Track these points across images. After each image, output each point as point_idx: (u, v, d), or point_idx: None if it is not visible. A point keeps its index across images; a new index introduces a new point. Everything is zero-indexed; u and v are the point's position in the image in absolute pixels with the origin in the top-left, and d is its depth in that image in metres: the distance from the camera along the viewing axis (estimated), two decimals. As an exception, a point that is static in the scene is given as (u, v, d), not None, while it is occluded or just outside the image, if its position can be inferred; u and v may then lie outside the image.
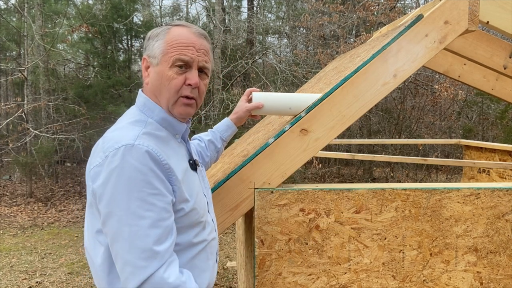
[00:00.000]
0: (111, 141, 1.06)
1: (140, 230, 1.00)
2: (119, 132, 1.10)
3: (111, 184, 1.01)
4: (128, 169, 1.01)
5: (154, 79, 1.17)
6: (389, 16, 8.68)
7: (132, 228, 0.99)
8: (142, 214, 1.00)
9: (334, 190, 1.66)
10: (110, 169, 1.02)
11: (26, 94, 8.52)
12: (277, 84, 8.92)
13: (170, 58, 1.14)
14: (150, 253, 1.00)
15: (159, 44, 1.16)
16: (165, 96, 1.17)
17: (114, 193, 1.01)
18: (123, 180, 1.01)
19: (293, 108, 1.70)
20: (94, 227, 1.12)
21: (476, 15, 1.68)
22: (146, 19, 10.20)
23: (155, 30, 1.21)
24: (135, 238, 0.99)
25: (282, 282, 1.67)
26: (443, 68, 2.93)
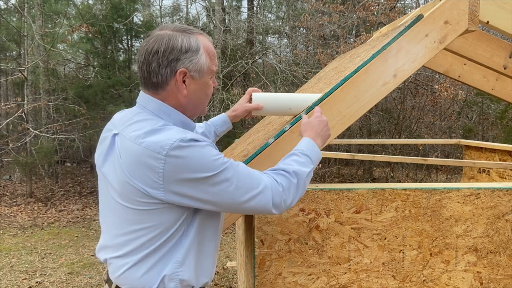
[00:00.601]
0: (162, 141, 1.10)
1: (241, 170, 1.17)
2: (162, 133, 1.13)
3: (186, 172, 1.09)
4: (192, 153, 1.10)
5: (198, 90, 1.25)
6: (389, 16, 8.68)
7: (235, 174, 1.14)
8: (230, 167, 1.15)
9: (334, 190, 1.66)
10: (177, 162, 1.08)
11: (26, 94, 8.52)
12: (277, 84, 8.92)
13: (212, 71, 1.27)
14: (258, 176, 1.19)
15: (204, 59, 1.23)
16: (205, 102, 1.31)
17: (191, 178, 1.09)
18: (197, 156, 1.10)
19: (293, 108, 1.70)
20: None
21: (476, 15, 1.68)
22: (146, 19, 10.20)
23: (189, 42, 1.21)
24: (243, 178, 1.16)
25: (282, 282, 1.67)
26: (443, 68, 2.93)
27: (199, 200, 1.12)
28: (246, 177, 1.17)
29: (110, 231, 1.23)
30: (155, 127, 1.15)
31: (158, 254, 1.16)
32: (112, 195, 1.19)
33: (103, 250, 1.26)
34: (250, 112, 1.72)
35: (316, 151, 1.37)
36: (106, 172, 1.22)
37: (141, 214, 1.13)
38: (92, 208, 8.03)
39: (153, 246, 1.15)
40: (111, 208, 1.21)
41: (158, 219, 1.13)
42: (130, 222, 1.16)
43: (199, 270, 1.22)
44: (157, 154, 1.08)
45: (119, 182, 1.15)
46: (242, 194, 1.15)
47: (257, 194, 1.17)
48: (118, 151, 1.16)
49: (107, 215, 1.25)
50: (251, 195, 1.16)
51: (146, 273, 1.16)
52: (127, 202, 1.14)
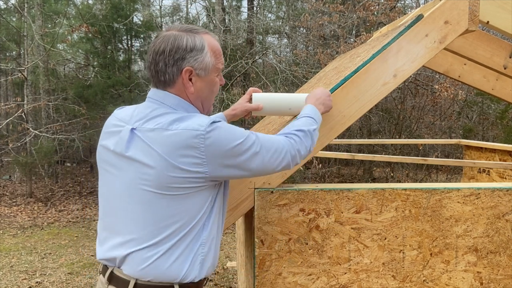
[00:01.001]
0: (194, 124, 1.17)
1: (267, 139, 1.29)
2: (191, 119, 1.20)
3: (224, 146, 1.18)
4: (225, 131, 1.19)
5: (205, 88, 1.31)
6: (389, 16, 8.68)
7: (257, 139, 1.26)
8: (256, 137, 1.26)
9: (334, 190, 1.65)
10: (217, 136, 1.17)
11: (26, 94, 8.52)
12: (277, 84, 8.92)
13: (218, 69, 1.33)
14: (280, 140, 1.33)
15: (209, 58, 1.28)
16: (211, 99, 1.37)
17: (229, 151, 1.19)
18: (229, 130, 1.20)
19: (293, 108, 1.70)
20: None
21: (476, 15, 1.68)
22: (146, 19, 10.20)
23: (194, 41, 1.27)
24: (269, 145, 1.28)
25: (282, 282, 1.67)
26: (443, 68, 2.93)
27: (238, 167, 1.22)
28: (266, 140, 1.29)
29: (132, 224, 1.21)
30: (181, 116, 1.22)
31: (186, 241, 1.21)
32: (141, 186, 1.18)
33: (121, 246, 1.22)
34: (249, 112, 1.72)
35: (318, 115, 1.53)
36: (131, 163, 1.21)
37: (176, 200, 1.18)
38: (92, 208, 8.03)
39: (182, 233, 1.20)
40: (137, 200, 1.20)
41: (190, 204, 1.19)
42: (162, 211, 1.18)
43: (215, 255, 1.31)
44: (196, 131, 1.15)
45: (154, 172, 1.16)
46: (267, 153, 1.27)
47: (276, 151, 1.30)
48: (147, 142, 1.18)
49: (125, 210, 1.22)
50: (273, 152, 1.29)
51: (174, 262, 1.19)
52: (162, 190, 1.17)
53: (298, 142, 1.38)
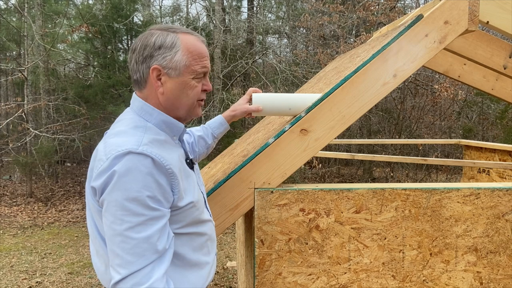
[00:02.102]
0: (113, 145, 1.07)
1: (134, 227, 1.03)
2: (121, 138, 1.11)
3: (112, 183, 1.03)
4: (132, 171, 1.03)
5: (175, 89, 1.20)
6: (389, 16, 8.68)
7: (125, 225, 1.03)
8: (139, 211, 1.03)
9: (334, 190, 1.66)
10: (112, 170, 1.03)
11: (26, 94, 8.52)
12: (277, 84, 8.92)
13: (193, 71, 1.21)
14: (140, 250, 1.03)
15: (180, 57, 1.19)
16: (187, 103, 1.23)
17: (113, 191, 1.03)
18: (125, 180, 1.03)
19: (292, 108, 1.70)
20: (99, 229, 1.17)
21: (476, 15, 1.68)
22: (146, 19, 10.20)
23: (165, 38, 1.19)
24: (128, 233, 1.03)
25: (282, 282, 1.67)
26: (443, 68, 2.93)
27: (100, 215, 1.09)
28: (144, 244, 1.03)
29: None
30: (124, 129, 1.15)
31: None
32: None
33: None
34: (250, 112, 1.72)
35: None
36: (86, 186, 1.25)
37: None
38: (92, 208, 8.02)
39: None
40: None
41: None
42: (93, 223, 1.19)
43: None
44: (104, 156, 1.07)
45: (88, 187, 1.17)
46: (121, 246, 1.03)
47: (127, 262, 1.03)
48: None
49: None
50: (124, 257, 1.03)
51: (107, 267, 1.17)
52: (89, 206, 1.18)
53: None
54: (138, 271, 1.03)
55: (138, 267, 1.03)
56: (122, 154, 1.04)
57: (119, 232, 1.03)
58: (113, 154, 1.05)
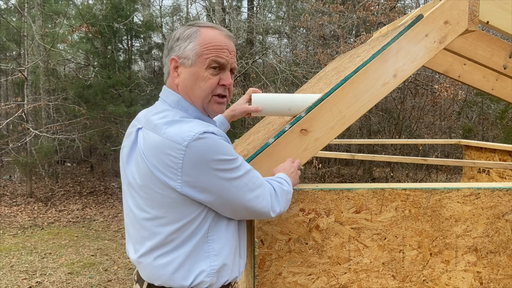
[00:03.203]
0: (183, 133, 1.09)
1: (251, 172, 1.19)
2: (182, 125, 1.13)
3: (205, 163, 1.08)
4: (212, 145, 1.09)
5: (187, 79, 1.21)
6: (389, 16, 8.68)
7: (245, 179, 1.16)
8: (242, 165, 1.17)
9: (334, 190, 1.66)
10: (198, 153, 1.08)
11: (26, 94, 8.52)
12: (277, 84, 8.92)
13: (206, 60, 1.19)
14: (262, 180, 1.23)
15: (192, 46, 1.19)
16: (199, 95, 1.22)
17: (208, 169, 1.09)
18: (213, 154, 1.09)
19: (292, 109, 1.70)
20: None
21: (476, 15, 1.68)
22: (146, 19, 10.20)
23: (184, 31, 1.22)
24: (251, 178, 1.18)
25: (282, 282, 1.67)
26: (443, 68, 2.93)
27: (208, 192, 1.11)
28: (254, 178, 1.19)
29: (133, 229, 1.23)
30: (175, 118, 1.16)
31: (186, 248, 1.15)
32: (136, 191, 1.19)
33: (132, 250, 1.25)
34: (249, 112, 1.72)
35: (291, 183, 1.43)
36: (129, 170, 1.22)
37: (162, 206, 1.13)
38: (92, 208, 8.03)
39: (178, 240, 1.14)
40: (134, 205, 1.21)
41: (179, 212, 1.13)
42: (151, 215, 1.16)
43: (234, 263, 1.24)
44: (178, 145, 1.08)
45: (141, 176, 1.15)
46: (248, 192, 1.16)
47: (260, 195, 1.20)
48: (141, 145, 1.17)
49: (129, 212, 1.24)
50: (256, 194, 1.18)
51: (177, 270, 1.15)
52: (149, 194, 1.14)
53: (279, 195, 1.29)
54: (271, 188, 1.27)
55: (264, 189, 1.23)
56: (198, 135, 1.08)
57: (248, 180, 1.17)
58: (188, 138, 1.08)
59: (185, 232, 1.14)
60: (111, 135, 9.20)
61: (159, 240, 1.15)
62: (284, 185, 1.33)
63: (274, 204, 1.25)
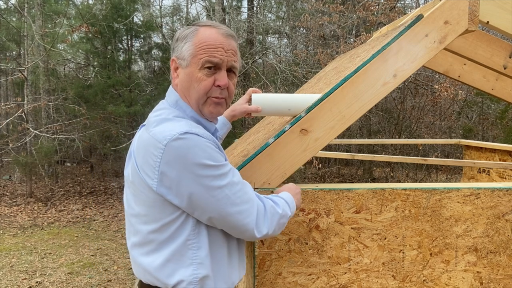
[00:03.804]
0: (165, 132, 1.08)
1: (234, 186, 1.12)
2: (169, 124, 1.12)
3: (182, 164, 1.05)
4: (193, 147, 1.06)
5: (184, 81, 1.20)
6: (389, 16, 8.68)
7: (227, 190, 1.10)
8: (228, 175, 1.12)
9: (334, 190, 1.66)
10: (176, 153, 1.05)
11: (26, 94, 8.52)
12: (277, 84, 8.92)
13: (199, 60, 1.17)
14: (250, 194, 1.16)
15: (188, 46, 1.18)
16: (194, 96, 1.20)
17: (184, 171, 1.06)
18: (192, 156, 1.05)
19: (292, 109, 1.70)
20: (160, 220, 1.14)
21: (476, 15, 1.68)
22: (146, 19, 10.20)
23: (183, 31, 1.22)
24: (236, 190, 1.12)
25: (282, 282, 1.67)
26: (443, 68, 2.93)
27: (182, 197, 1.07)
28: (240, 191, 1.12)
29: (126, 222, 1.26)
30: (167, 117, 1.16)
31: (166, 250, 1.13)
32: (128, 187, 1.21)
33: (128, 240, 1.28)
34: (249, 112, 1.72)
35: (293, 205, 1.36)
36: (127, 165, 1.23)
37: (143, 204, 1.14)
38: (92, 208, 8.03)
39: (158, 240, 1.13)
40: (126, 199, 1.24)
41: (157, 212, 1.11)
42: (137, 214, 1.18)
43: (216, 274, 1.18)
44: (159, 143, 1.07)
45: (131, 172, 1.16)
46: (229, 205, 1.10)
47: (244, 211, 1.12)
48: (134, 142, 1.19)
49: (125, 206, 1.27)
50: (239, 209, 1.11)
51: (161, 267, 1.13)
52: (134, 190, 1.16)
53: (269, 216, 1.19)
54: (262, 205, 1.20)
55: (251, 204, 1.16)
56: (180, 134, 1.06)
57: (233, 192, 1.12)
58: (169, 138, 1.06)
59: (163, 233, 1.12)
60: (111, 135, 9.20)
61: (140, 237, 1.16)
62: (278, 207, 1.23)
63: (260, 224, 1.16)
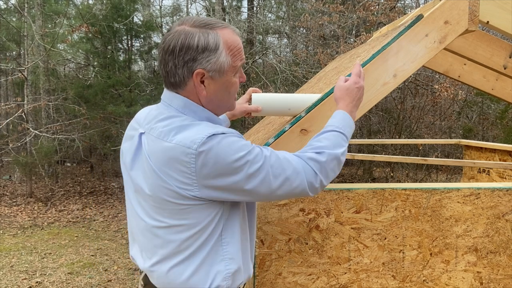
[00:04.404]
0: (192, 137, 1.07)
1: (272, 156, 1.13)
2: (190, 129, 1.10)
3: (219, 164, 1.06)
4: (223, 145, 1.07)
5: (219, 91, 1.18)
6: (389, 16, 8.68)
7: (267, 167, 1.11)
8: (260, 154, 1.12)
9: (334, 190, 1.65)
10: (209, 155, 1.05)
11: (26, 94, 8.52)
12: (277, 84, 8.92)
13: (235, 68, 1.17)
14: (289, 160, 1.16)
15: (225, 57, 1.14)
16: (228, 101, 1.22)
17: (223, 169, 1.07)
18: (225, 155, 1.06)
19: (292, 109, 1.70)
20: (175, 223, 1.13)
21: (476, 15, 1.68)
22: (146, 19, 10.20)
23: (206, 39, 1.12)
24: (274, 164, 1.13)
25: (282, 282, 1.67)
26: (443, 68, 2.93)
27: (232, 191, 1.10)
28: (276, 162, 1.13)
29: (143, 237, 1.20)
30: (183, 124, 1.12)
31: (201, 253, 1.12)
32: (144, 199, 1.16)
33: (140, 258, 1.22)
34: (249, 112, 1.72)
35: (352, 126, 1.37)
36: (135, 177, 1.18)
37: (175, 214, 1.11)
38: (92, 208, 8.03)
39: (194, 246, 1.12)
40: (143, 213, 1.18)
41: (193, 218, 1.10)
42: (168, 225, 1.13)
43: (245, 265, 1.22)
44: (188, 149, 1.05)
45: (150, 185, 1.12)
46: (274, 180, 1.12)
47: (289, 178, 1.14)
48: (147, 153, 1.13)
49: (138, 221, 1.20)
50: (283, 179, 1.13)
51: (193, 275, 1.12)
52: (160, 203, 1.12)
53: (320, 169, 1.19)
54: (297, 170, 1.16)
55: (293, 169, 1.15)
56: (208, 138, 1.05)
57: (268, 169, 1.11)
58: (199, 141, 1.05)
59: (200, 237, 1.12)
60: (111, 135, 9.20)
61: (173, 248, 1.13)
62: (322, 155, 1.21)
63: (311, 180, 1.17)
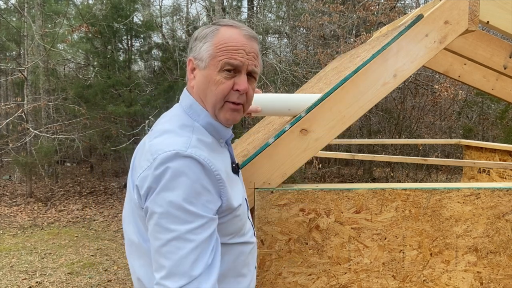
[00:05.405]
0: (161, 145, 1.02)
1: (180, 235, 0.97)
2: (168, 136, 1.05)
3: (158, 189, 0.98)
4: (179, 175, 0.97)
5: (201, 83, 1.12)
6: (389, 16, 8.68)
7: (171, 234, 0.97)
8: (186, 219, 0.98)
9: (334, 190, 1.65)
10: (159, 173, 0.98)
11: (26, 94, 8.52)
12: (277, 84, 8.92)
13: (218, 62, 1.09)
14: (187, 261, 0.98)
15: (207, 47, 1.10)
16: (211, 100, 1.12)
17: (161, 195, 0.98)
18: (173, 185, 0.97)
19: (292, 109, 1.70)
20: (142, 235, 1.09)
21: (476, 15, 1.68)
22: (146, 19, 10.20)
23: (203, 30, 1.14)
24: (174, 247, 0.97)
25: (282, 282, 1.67)
26: (443, 68, 2.93)
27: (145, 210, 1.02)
28: (182, 248, 0.97)
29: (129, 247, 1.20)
30: (171, 127, 1.09)
31: None
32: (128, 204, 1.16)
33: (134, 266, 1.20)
34: (249, 112, 1.71)
35: None
36: (128, 182, 1.17)
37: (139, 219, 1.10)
38: (92, 208, 8.03)
39: None
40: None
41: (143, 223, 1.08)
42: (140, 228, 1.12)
43: None
44: (151, 156, 1.02)
45: (131, 185, 1.11)
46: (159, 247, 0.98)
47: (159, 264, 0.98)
48: (136, 154, 1.15)
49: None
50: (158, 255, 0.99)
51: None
52: (132, 207, 1.12)
53: None
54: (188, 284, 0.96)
55: (188, 280, 0.96)
56: (169, 156, 0.98)
57: (165, 241, 0.97)
58: (160, 154, 1.00)
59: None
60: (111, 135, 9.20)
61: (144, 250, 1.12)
62: None
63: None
